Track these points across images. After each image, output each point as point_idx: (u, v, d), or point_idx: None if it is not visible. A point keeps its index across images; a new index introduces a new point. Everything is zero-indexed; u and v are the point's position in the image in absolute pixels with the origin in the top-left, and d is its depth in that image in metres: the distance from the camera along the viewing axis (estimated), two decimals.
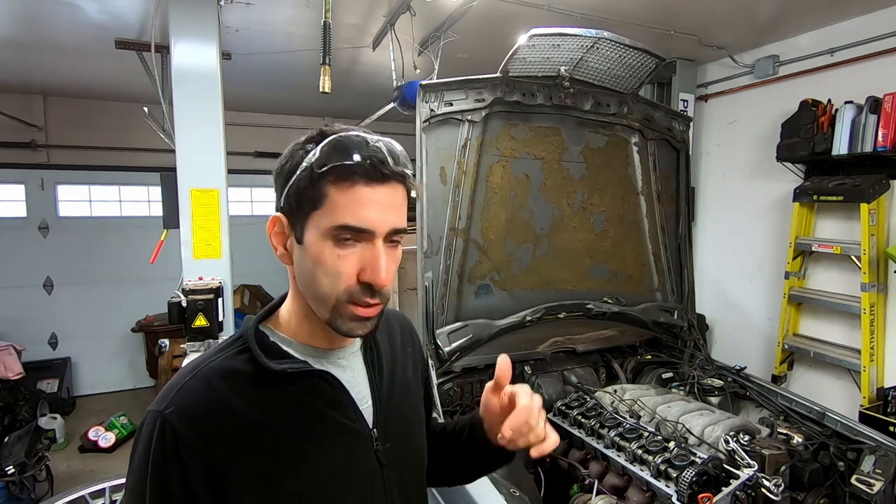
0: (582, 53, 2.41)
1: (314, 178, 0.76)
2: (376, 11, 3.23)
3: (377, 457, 0.89)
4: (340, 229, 0.76)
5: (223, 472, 0.75)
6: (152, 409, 0.77)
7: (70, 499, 2.58)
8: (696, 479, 1.64)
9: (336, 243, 0.77)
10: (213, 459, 0.74)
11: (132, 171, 5.73)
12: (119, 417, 4.73)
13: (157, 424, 0.74)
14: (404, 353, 1.04)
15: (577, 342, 2.58)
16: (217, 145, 2.75)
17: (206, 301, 2.60)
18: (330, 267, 0.77)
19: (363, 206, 0.76)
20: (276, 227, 0.83)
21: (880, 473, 1.85)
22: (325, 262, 0.77)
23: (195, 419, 0.75)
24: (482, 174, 2.46)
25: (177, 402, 0.76)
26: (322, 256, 0.77)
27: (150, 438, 0.74)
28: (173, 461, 0.73)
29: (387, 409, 0.92)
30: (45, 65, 4.32)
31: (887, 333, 3.24)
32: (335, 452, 0.84)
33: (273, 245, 0.84)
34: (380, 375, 0.94)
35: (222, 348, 0.84)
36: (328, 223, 0.76)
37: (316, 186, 0.76)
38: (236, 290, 5.37)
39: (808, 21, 3.48)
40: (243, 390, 0.79)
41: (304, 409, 0.83)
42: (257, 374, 0.80)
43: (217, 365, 0.81)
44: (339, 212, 0.76)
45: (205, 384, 0.78)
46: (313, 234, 0.78)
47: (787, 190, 3.67)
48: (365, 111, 5.26)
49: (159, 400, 0.78)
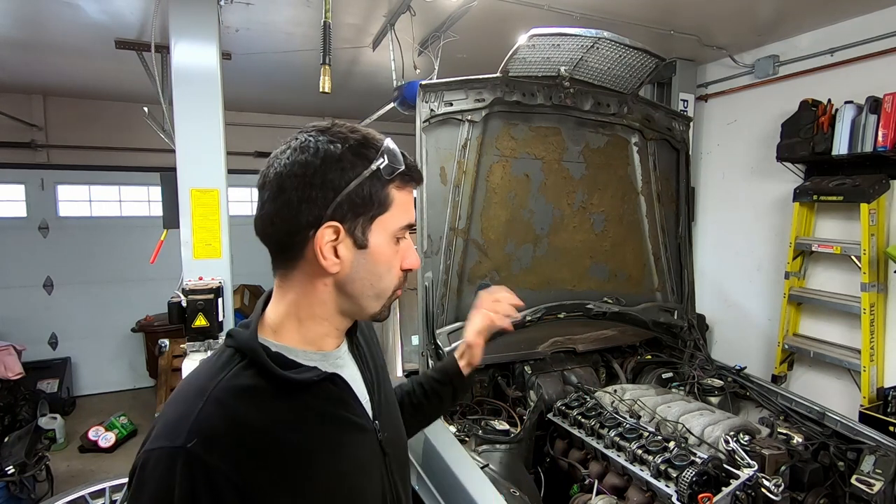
0: (582, 53, 2.41)
1: (382, 184, 0.82)
2: (376, 11, 3.23)
3: (381, 446, 0.92)
4: (406, 228, 0.87)
5: (260, 496, 0.73)
6: (163, 446, 0.71)
7: (70, 499, 2.58)
8: (696, 479, 1.64)
9: (395, 242, 0.86)
10: (246, 483, 0.71)
11: (132, 171, 5.73)
12: (119, 417, 4.73)
13: (181, 462, 0.68)
14: (374, 342, 1.08)
15: (577, 342, 2.58)
16: (217, 145, 2.75)
17: (206, 301, 2.60)
18: (392, 263, 0.87)
19: (412, 206, 0.89)
20: (333, 238, 0.80)
21: (880, 473, 1.85)
22: (389, 260, 0.86)
23: (222, 446, 0.71)
24: (482, 174, 2.46)
25: (198, 433, 0.71)
26: (388, 255, 0.86)
27: (170, 480, 0.68)
28: (206, 497, 0.68)
29: (380, 400, 0.96)
30: (45, 65, 4.32)
31: (887, 333, 3.24)
32: (353, 450, 0.86)
33: (322, 256, 0.80)
34: (369, 370, 0.97)
35: (221, 367, 0.79)
36: (397, 224, 0.85)
37: (384, 191, 0.82)
38: (236, 290, 5.37)
39: (808, 21, 3.49)
40: (260, 406, 0.77)
41: (320, 414, 0.83)
42: (270, 388, 0.78)
43: (227, 385, 0.77)
44: (403, 213, 0.86)
45: (221, 408, 0.74)
46: (381, 236, 0.84)
47: (787, 190, 3.67)
48: (365, 111, 5.26)
49: (170, 434, 0.71)
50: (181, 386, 0.81)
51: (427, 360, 2.23)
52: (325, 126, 0.83)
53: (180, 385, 0.82)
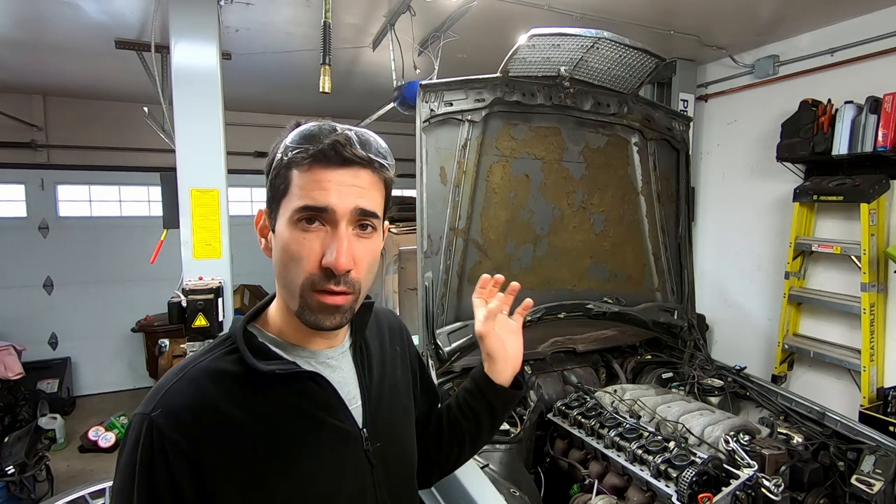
0: (582, 53, 2.41)
1: (283, 167, 0.80)
2: (376, 11, 3.23)
3: (367, 456, 0.89)
4: (300, 211, 0.77)
5: (211, 474, 0.74)
6: (139, 411, 0.77)
7: (70, 499, 2.58)
8: (696, 479, 1.64)
9: (301, 228, 0.78)
10: (200, 461, 0.74)
11: (132, 171, 5.73)
12: (119, 417, 4.73)
13: (144, 427, 0.74)
14: (393, 353, 1.04)
15: (577, 342, 2.58)
16: (217, 145, 2.75)
17: (206, 301, 2.60)
18: (294, 252, 0.78)
19: (321, 187, 0.77)
20: (261, 221, 0.87)
21: (880, 473, 1.85)
22: (291, 247, 0.79)
23: (182, 421, 0.75)
24: (482, 174, 2.46)
25: (164, 404, 0.76)
26: (288, 242, 0.79)
27: (137, 440, 0.74)
28: (160, 462, 0.73)
29: (376, 409, 0.93)
30: (45, 65, 4.32)
31: (887, 333, 3.24)
32: (325, 453, 0.84)
33: (259, 239, 0.87)
34: (369, 376, 0.94)
35: (210, 349, 0.84)
36: (292, 207, 0.78)
37: (284, 174, 0.80)
38: (236, 290, 5.37)
39: (808, 21, 3.49)
40: (231, 391, 0.79)
41: (293, 411, 0.82)
42: (246, 375, 0.79)
43: (205, 366, 0.80)
44: (300, 194, 0.78)
45: (192, 385, 0.78)
46: (282, 220, 0.80)
47: (787, 190, 3.67)
48: (365, 111, 5.26)
49: (146, 402, 0.77)
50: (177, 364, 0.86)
51: (427, 359, 2.23)
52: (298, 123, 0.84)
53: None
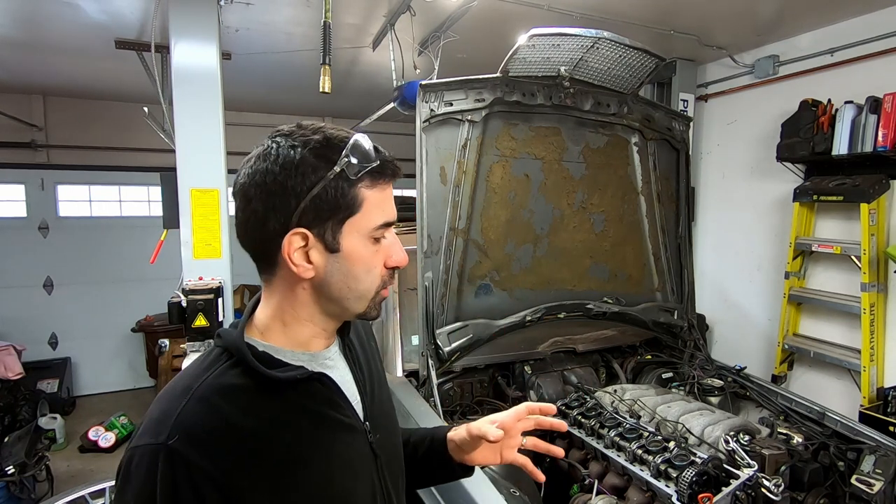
0: (582, 53, 2.41)
1: (350, 185, 0.78)
2: (376, 11, 3.23)
3: (372, 448, 0.91)
4: (381, 227, 0.82)
5: (240, 492, 0.73)
6: (147, 443, 0.71)
7: (70, 499, 2.58)
8: (696, 479, 1.64)
9: (373, 242, 0.83)
10: (228, 481, 0.72)
11: (132, 171, 5.73)
12: (119, 417, 4.73)
13: (162, 458, 0.69)
14: (371, 348, 1.06)
15: (577, 342, 2.58)
16: (217, 145, 2.75)
17: (206, 301, 2.60)
18: (371, 264, 0.83)
19: (389, 202, 0.84)
20: (302, 244, 0.79)
21: (880, 473, 1.85)
22: (368, 261, 0.83)
23: (203, 443, 0.71)
24: (482, 174, 2.46)
25: (181, 431, 0.71)
26: (364, 257, 0.82)
27: (153, 474, 0.69)
28: (187, 492, 0.69)
29: (372, 402, 0.95)
30: (45, 65, 4.32)
31: (887, 333, 3.24)
32: (341, 450, 0.85)
33: (293, 263, 0.79)
34: (361, 371, 0.96)
35: (208, 366, 0.80)
36: (370, 224, 0.81)
37: (352, 192, 0.79)
38: (236, 290, 5.37)
39: (808, 21, 3.49)
40: (245, 405, 0.77)
41: (306, 414, 0.83)
42: (255, 387, 0.78)
43: (211, 383, 0.77)
44: (378, 212, 0.81)
45: (206, 406, 0.74)
46: (353, 238, 0.80)
47: (787, 190, 3.67)
48: (365, 111, 5.26)
49: (153, 432, 0.72)
50: (169, 385, 0.82)
51: (427, 360, 2.23)
52: (289, 130, 0.81)
53: (168, 384, 0.82)
